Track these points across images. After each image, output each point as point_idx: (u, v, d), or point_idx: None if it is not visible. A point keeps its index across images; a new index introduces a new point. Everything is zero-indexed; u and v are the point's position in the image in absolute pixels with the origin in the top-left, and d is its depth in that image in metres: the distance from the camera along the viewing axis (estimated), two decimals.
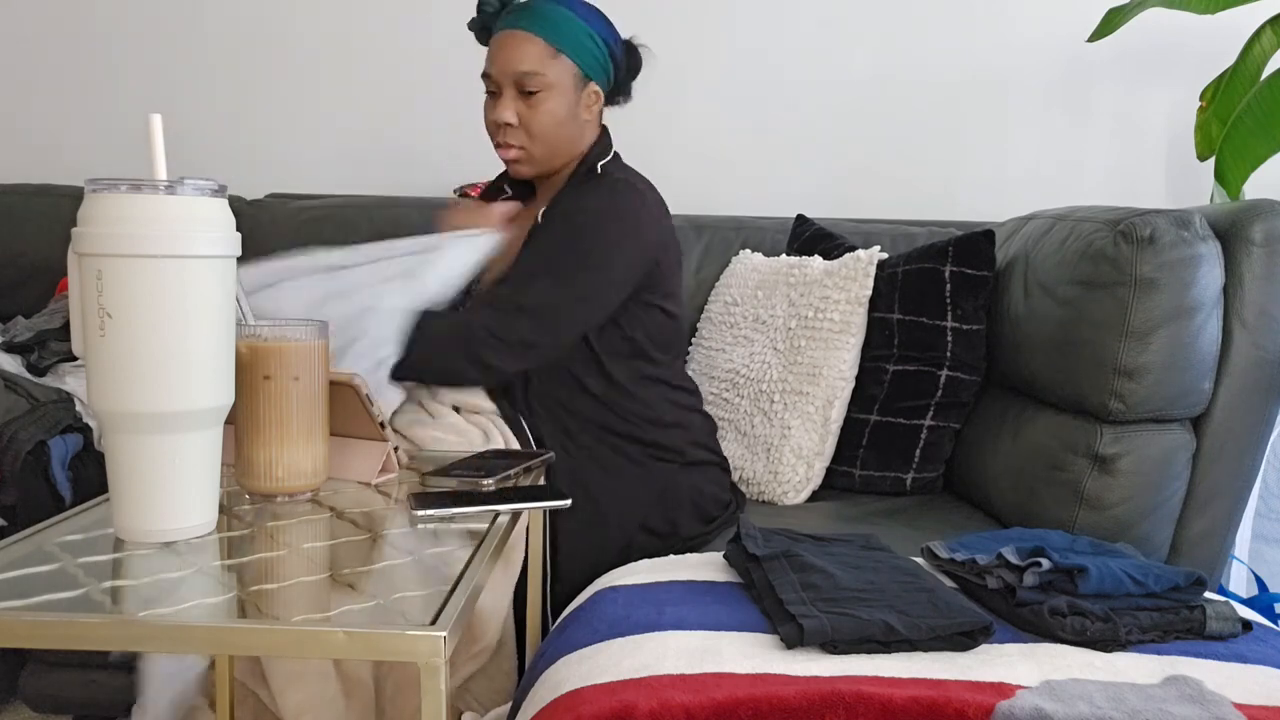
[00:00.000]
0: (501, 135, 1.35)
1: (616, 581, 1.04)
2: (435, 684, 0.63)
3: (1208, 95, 1.90)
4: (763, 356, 1.63)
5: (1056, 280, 1.37)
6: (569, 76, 1.33)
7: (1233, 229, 1.29)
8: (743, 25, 2.14)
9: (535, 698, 0.85)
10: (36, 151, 2.26)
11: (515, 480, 1.04)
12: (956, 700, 0.75)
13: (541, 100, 1.32)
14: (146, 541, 0.79)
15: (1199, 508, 1.32)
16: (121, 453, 0.78)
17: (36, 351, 1.68)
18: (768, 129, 2.16)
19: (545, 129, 1.34)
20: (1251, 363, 1.28)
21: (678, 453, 1.38)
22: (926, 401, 1.56)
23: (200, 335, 0.78)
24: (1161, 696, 0.76)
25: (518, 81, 1.32)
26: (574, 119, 1.36)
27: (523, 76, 1.31)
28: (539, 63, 1.31)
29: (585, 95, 1.36)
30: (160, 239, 0.76)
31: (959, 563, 1.00)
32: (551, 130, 1.34)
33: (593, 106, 1.37)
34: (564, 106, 1.34)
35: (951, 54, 2.12)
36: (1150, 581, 0.92)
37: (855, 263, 1.59)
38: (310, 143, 2.23)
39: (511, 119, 1.33)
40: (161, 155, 0.82)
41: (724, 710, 0.75)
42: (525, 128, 1.34)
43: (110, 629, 0.65)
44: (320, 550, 0.80)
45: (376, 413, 1.01)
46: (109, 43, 2.23)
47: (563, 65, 1.32)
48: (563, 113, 1.34)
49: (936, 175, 2.15)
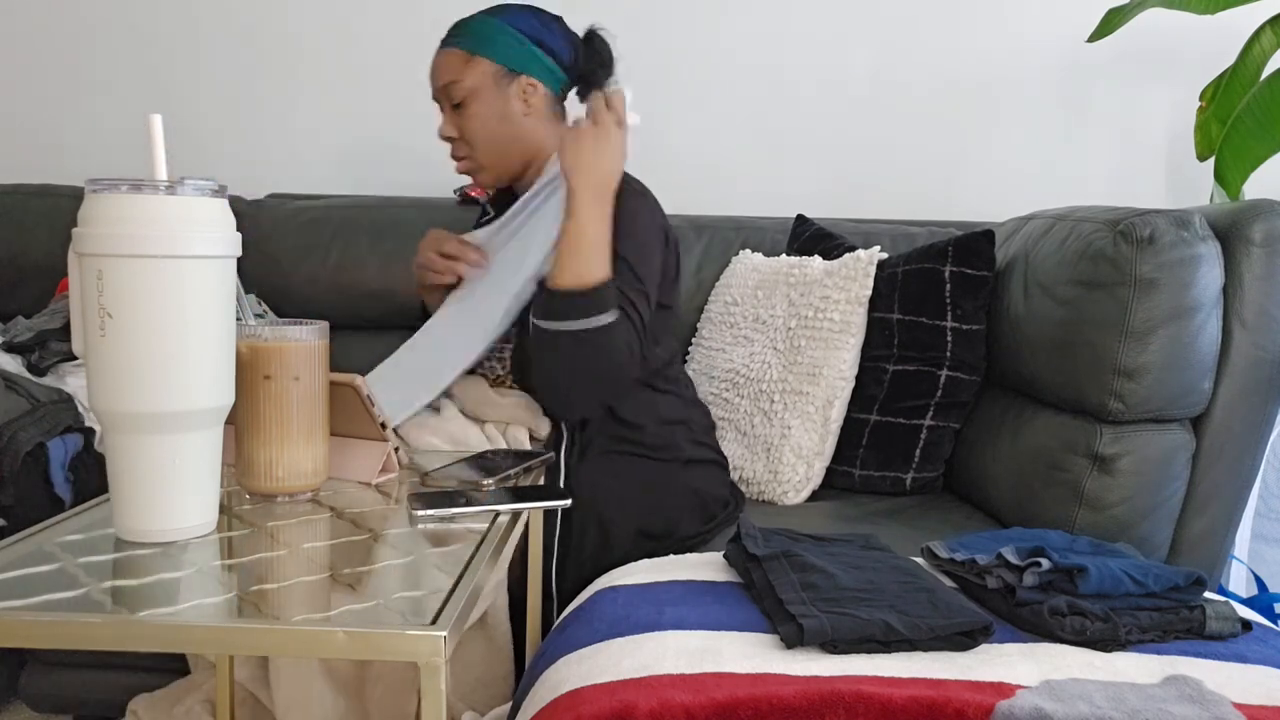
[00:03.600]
0: (451, 151, 1.39)
1: (616, 581, 1.04)
2: (435, 684, 0.63)
3: (1207, 95, 1.90)
4: (763, 356, 1.63)
5: (1056, 280, 1.37)
6: (488, 77, 1.34)
7: (1232, 229, 1.29)
8: (742, 25, 2.14)
9: (535, 698, 0.85)
10: (36, 151, 2.26)
11: (515, 480, 1.04)
12: (956, 700, 0.75)
13: (467, 107, 1.35)
14: (146, 541, 0.79)
15: (1199, 508, 1.32)
16: (121, 453, 0.79)
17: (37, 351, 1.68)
18: (768, 129, 2.16)
19: (478, 134, 1.36)
20: (1251, 363, 1.28)
21: (677, 450, 1.38)
22: (926, 401, 1.56)
23: (200, 335, 0.78)
24: (1161, 696, 0.76)
25: (447, 96, 1.36)
26: (507, 117, 1.36)
27: (447, 88, 1.35)
28: (456, 71, 1.34)
29: (515, 89, 1.36)
30: (160, 239, 0.76)
31: (959, 563, 1.00)
32: (485, 134, 1.36)
33: (531, 99, 1.37)
34: (490, 107, 1.35)
35: (951, 54, 2.12)
36: (1150, 581, 0.92)
37: (855, 263, 1.59)
38: (310, 143, 2.23)
39: (451, 133, 1.37)
40: (162, 155, 0.82)
41: (724, 710, 0.75)
42: (465, 138, 1.37)
43: (110, 629, 0.65)
44: (320, 550, 0.80)
45: (377, 413, 1.01)
46: (109, 43, 2.23)
47: (480, 67, 1.34)
48: (490, 113, 1.35)
49: (936, 175, 2.15)
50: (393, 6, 2.18)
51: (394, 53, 2.19)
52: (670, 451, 1.37)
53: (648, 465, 1.35)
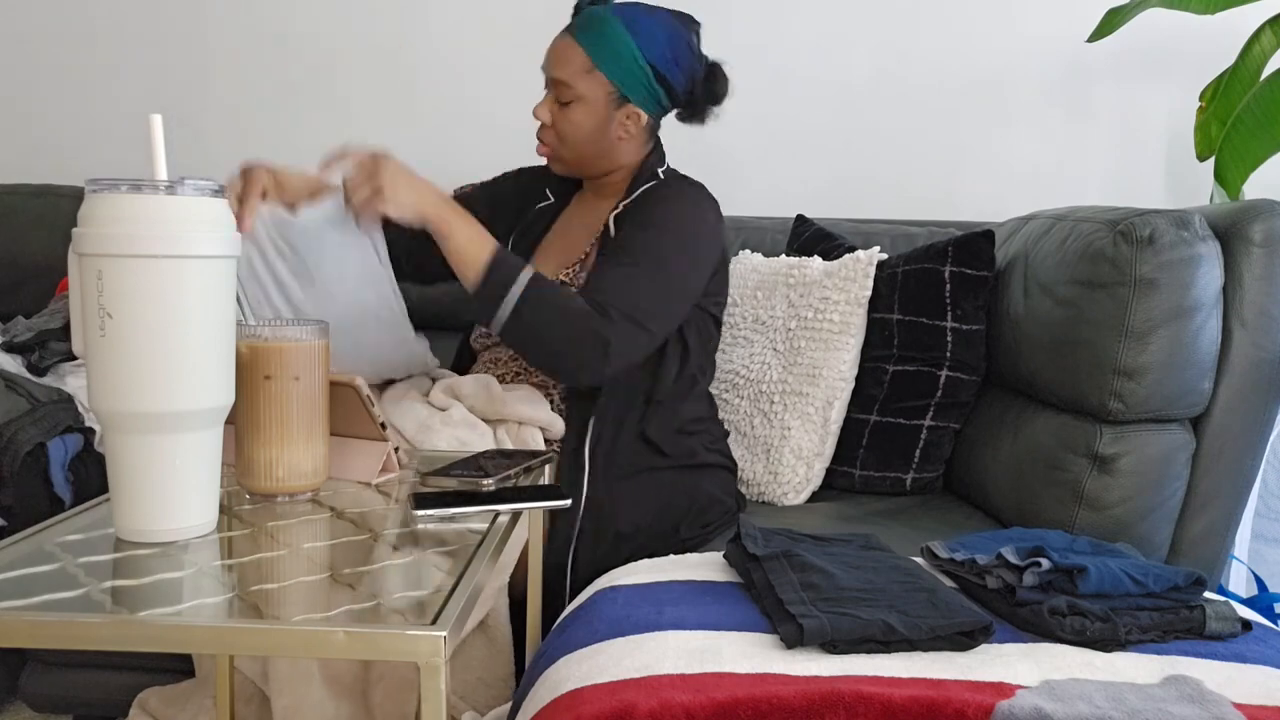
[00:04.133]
0: (538, 131, 1.39)
1: (616, 581, 1.04)
2: (435, 684, 0.63)
3: (1207, 95, 1.90)
4: (762, 357, 1.63)
5: (1056, 280, 1.37)
6: (602, 94, 1.34)
7: (1232, 229, 1.29)
8: (742, 25, 2.14)
9: (535, 698, 0.85)
10: (36, 151, 2.26)
11: (515, 480, 1.04)
12: (956, 700, 0.75)
13: (571, 110, 1.35)
14: (146, 541, 0.79)
15: (1199, 508, 1.32)
16: (121, 453, 0.79)
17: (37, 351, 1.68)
18: (767, 129, 2.16)
19: (570, 137, 1.37)
20: (1251, 363, 1.28)
21: (692, 456, 1.38)
22: (926, 402, 1.56)
23: (200, 335, 0.78)
24: (1161, 696, 0.76)
25: (556, 89, 1.35)
26: (603, 135, 1.37)
27: (558, 85, 1.35)
28: (572, 75, 1.33)
29: (621, 114, 1.36)
30: (160, 239, 0.76)
31: (959, 563, 1.00)
32: (578, 139, 1.37)
33: (630, 126, 1.37)
34: (592, 122, 1.35)
35: (951, 54, 2.12)
36: (1150, 581, 0.92)
37: (855, 263, 1.59)
38: (311, 143, 2.23)
39: (545, 118, 1.37)
40: (162, 155, 0.82)
41: (724, 710, 0.75)
42: (555, 130, 1.37)
43: (110, 629, 0.65)
44: (320, 550, 0.80)
45: (377, 413, 1.01)
46: (109, 43, 2.23)
47: (596, 82, 1.33)
48: (589, 127, 1.36)
49: (936, 175, 2.15)
50: (394, 7, 2.18)
51: (395, 54, 2.19)
52: (686, 458, 1.38)
53: (665, 474, 1.36)
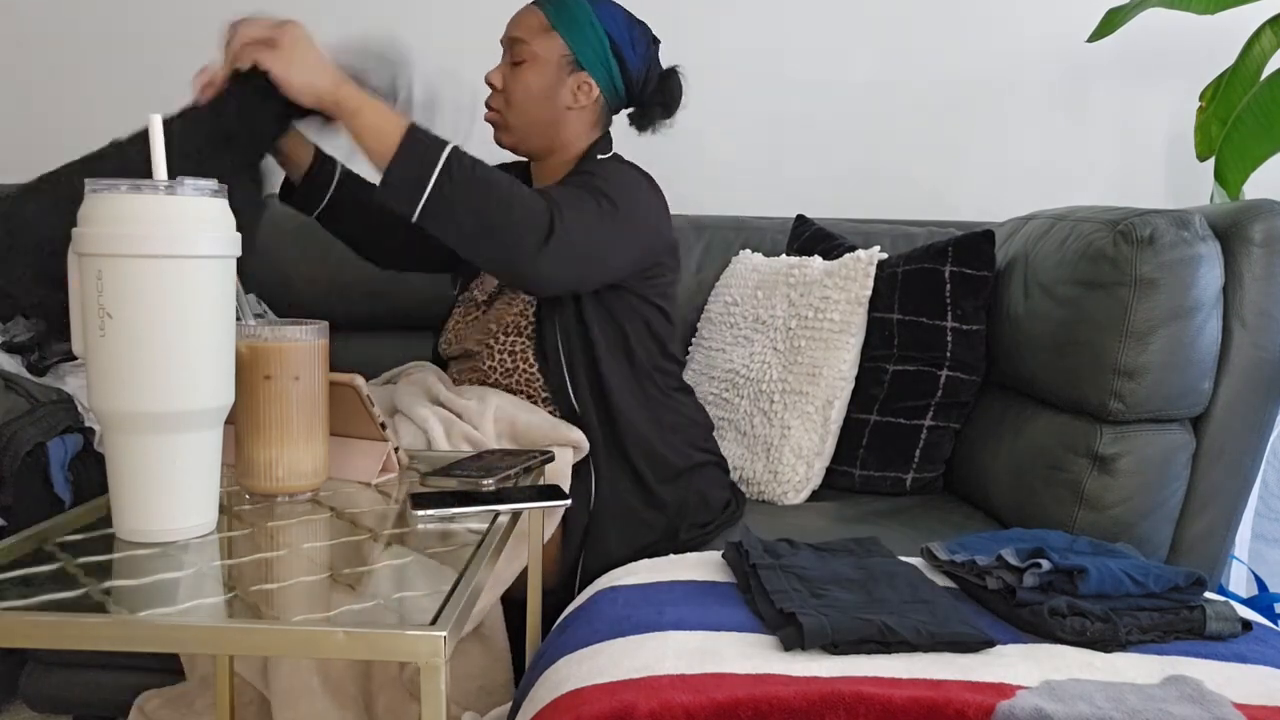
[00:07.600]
0: (488, 98, 1.38)
1: (616, 581, 1.04)
2: (435, 685, 0.63)
3: (1207, 95, 1.90)
4: (763, 356, 1.63)
5: (1056, 280, 1.37)
6: (556, 55, 1.34)
7: (1232, 229, 1.29)
8: (743, 25, 2.14)
9: (535, 698, 0.85)
10: (36, 151, 2.26)
11: (515, 480, 1.04)
12: (957, 701, 0.75)
13: (523, 70, 1.35)
14: (146, 541, 0.79)
15: (1199, 508, 1.32)
16: (121, 453, 0.78)
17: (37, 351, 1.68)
18: (768, 129, 2.16)
19: (519, 99, 1.35)
20: (1251, 363, 1.28)
21: (680, 458, 1.38)
22: (926, 401, 1.56)
23: (200, 335, 0.78)
24: (1161, 696, 0.76)
25: (511, 48, 1.36)
26: (551, 99, 1.35)
27: (513, 43, 1.35)
28: (529, 32, 1.34)
29: (572, 81, 1.35)
30: (160, 239, 0.76)
31: (958, 564, 1.00)
32: (526, 101, 1.35)
33: (581, 97, 1.36)
34: (542, 82, 1.35)
35: (951, 54, 2.12)
36: (1150, 582, 0.92)
37: (855, 263, 1.59)
38: None
39: (496, 82, 1.37)
40: (162, 155, 0.82)
41: (724, 710, 0.75)
42: (505, 94, 1.36)
43: (110, 629, 0.65)
44: (320, 550, 0.80)
45: (377, 413, 1.01)
46: (109, 43, 2.23)
47: (552, 42, 1.34)
48: (538, 88, 1.35)
49: (936, 175, 2.15)
50: (392, 6, 2.18)
51: None
52: (673, 460, 1.37)
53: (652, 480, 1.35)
